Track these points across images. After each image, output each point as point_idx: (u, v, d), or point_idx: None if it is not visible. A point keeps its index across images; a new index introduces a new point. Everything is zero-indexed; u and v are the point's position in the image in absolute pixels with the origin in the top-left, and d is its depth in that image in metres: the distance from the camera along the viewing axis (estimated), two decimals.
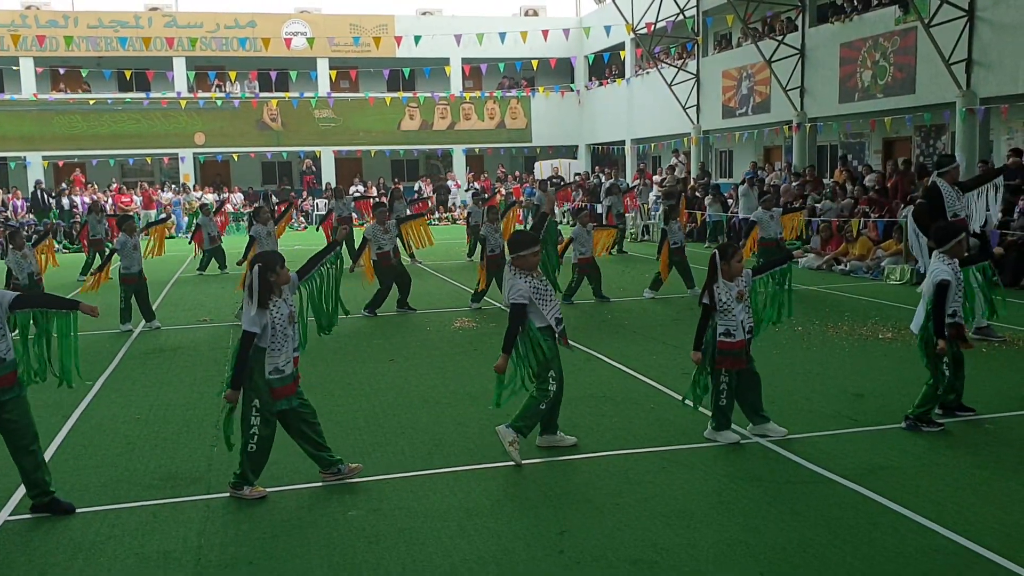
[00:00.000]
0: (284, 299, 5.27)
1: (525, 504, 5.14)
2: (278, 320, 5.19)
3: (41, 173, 30.27)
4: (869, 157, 21.62)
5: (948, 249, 6.25)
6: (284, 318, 5.22)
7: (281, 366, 5.23)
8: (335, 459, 5.53)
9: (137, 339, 10.83)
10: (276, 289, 5.22)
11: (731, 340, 6.00)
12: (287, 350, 5.24)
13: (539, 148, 35.27)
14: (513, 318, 5.71)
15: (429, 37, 30.84)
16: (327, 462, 5.52)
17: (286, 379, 5.26)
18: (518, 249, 5.79)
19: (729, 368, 6.05)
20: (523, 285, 5.71)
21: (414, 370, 8.69)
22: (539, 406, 5.79)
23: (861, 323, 10.36)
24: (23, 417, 5.11)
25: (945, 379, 6.19)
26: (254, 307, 5.12)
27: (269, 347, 5.19)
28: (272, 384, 5.22)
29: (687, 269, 13.06)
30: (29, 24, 29.86)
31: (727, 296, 6.00)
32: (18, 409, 5.09)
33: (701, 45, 26.28)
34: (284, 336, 5.21)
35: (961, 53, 16.20)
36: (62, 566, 4.50)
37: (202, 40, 31.36)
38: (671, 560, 4.37)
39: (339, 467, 5.53)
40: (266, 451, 5.34)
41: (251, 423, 5.25)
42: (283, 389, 5.26)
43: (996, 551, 4.33)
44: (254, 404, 5.24)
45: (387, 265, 11.88)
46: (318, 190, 32.32)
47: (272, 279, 5.19)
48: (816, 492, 5.19)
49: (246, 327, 5.15)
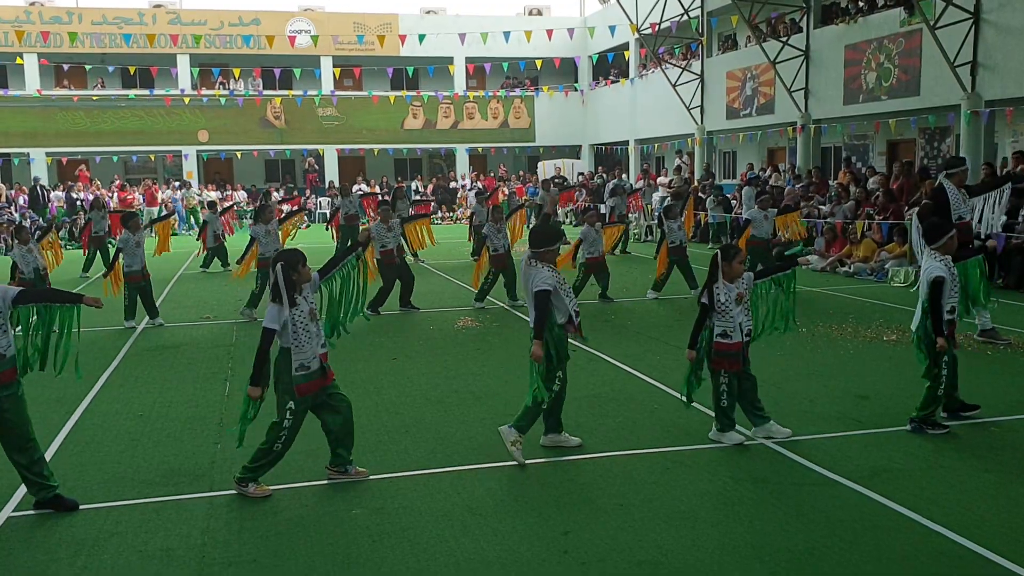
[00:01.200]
0: (304, 297, 5.30)
1: (529, 504, 5.13)
2: (299, 318, 5.22)
3: (44, 170, 30.29)
4: (873, 159, 21.59)
5: (940, 246, 6.26)
6: (305, 315, 5.25)
7: (307, 363, 5.25)
8: (346, 459, 5.54)
9: (140, 336, 10.83)
10: (298, 287, 5.25)
11: (728, 342, 5.99)
12: (312, 347, 5.27)
13: (542, 148, 35.26)
14: (540, 305, 5.75)
15: (433, 36, 30.84)
16: (339, 459, 5.53)
17: (312, 375, 5.28)
18: (545, 243, 5.87)
19: (727, 370, 6.05)
20: (548, 274, 5.78)
21: (417, 369, 8.68)
22: (541, 405, 5.80)
23: (865, 325, 10.34)
24: (19, 415, 5.09)
25: (943, 380, 6.17)
26: (284, 306, 5.18)
27: (293, 345, 5.22)
28: (298, 381, 5.25)
29: (689, 269, 13.05)
30: (33, 20, 29.88)
31: (726, 297, 6.00)
32: (15, 407, 5.07)
33: (705, 46, 26.25)
34: (307, 333, 5.24)
35: (966, 55, 16.17)
36: (65, 563, 4.49)
37: (206, 37, 31.40)
38: (675, 561, 4.35)
39: (346, 467, 5.54)
40: (287, 450, 5.37)
41: (284, 424, 5.27)
42: (309, 385, 5.29)
43: (1002, 554, 4.31)
44: (288, 407, 5.26)
45: (390, 263, 11.89)
46: (321, 188, 32.33)
47: (294, 277, 5.23)
48: (821, 494, 5.17)
49: (265, 324, 5.21)
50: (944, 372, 6.18)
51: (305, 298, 5.30)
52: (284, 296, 5.18)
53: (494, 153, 35.43)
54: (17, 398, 5.09)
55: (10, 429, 5.08)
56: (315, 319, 5.34)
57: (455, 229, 27.77)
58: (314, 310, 5.36)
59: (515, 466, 5.71)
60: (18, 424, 5.09)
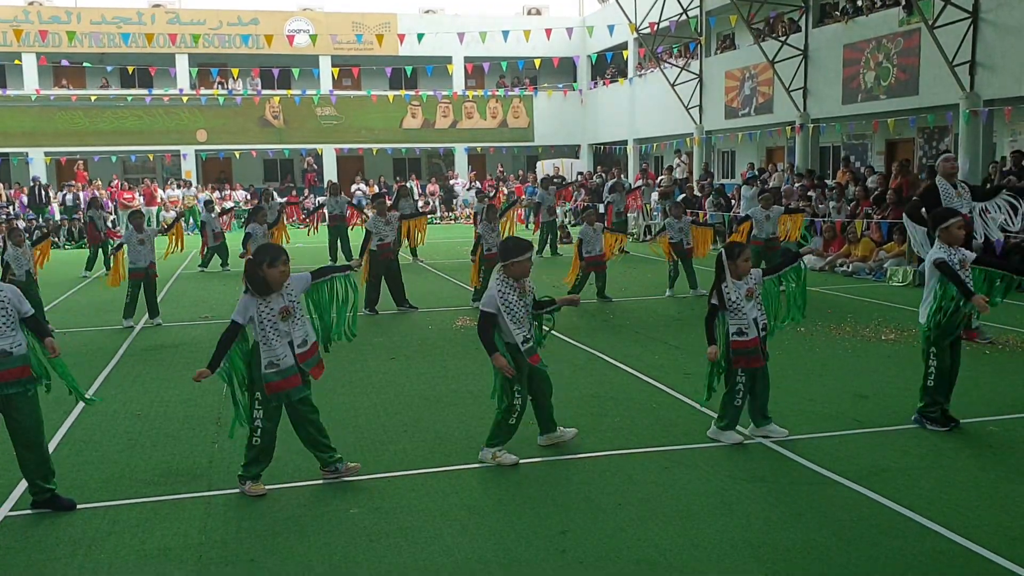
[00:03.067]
0: (282, 294, 5.24)
1: (527, 503, 5.13)
2: (266, 315, 5.18)
3: (43, 169, 30.27)
4: (872, 159, 21.60)
5: (946, 227, 6.19)
6: (275, 313, 5.18)
7: (276, 360, 5.21)
8: (334, 459, 5.52)
9: (138, 335, 10.82)
10: (268, 284, 5.19)
11: (744, 339, 5.97)
12: (282, 345, 5.21)
13: (541, 147, 35.25)
14: (481, 327, 5.64)
15: (432, 35, 30.84)
16: (325, 461, 5.52)
17: (283, 373, 5.23)
18: (509, 255, 5.67)
19: (745, 367, 6.00)
20: (496, 295, 5.60)
21: (415, 368, 8.67)
22: (508, 421, 5.72)
23: (864, 324, 10.34)
24: (30, 416, 5.08)
25: (933, 371, 6.16)
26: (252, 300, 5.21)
27: (261, 342, 5.20)
28: (268, 379, 5.21)
29: (691, 268, 13.04)
30: (32, 20, 29.86)
31: (737, 295, 5.97)
32: (27, 406, 5.07)
33: (704, 45, 26.25)
34: (275, 331, 5.19)
35: (965, 55, 16.17)
36: (63, 562, 4.49)
37: (205, 37, 31.39)
38: (673, 560, 4.35)
39: (337, 466, 5.53)
40: (269, 444, 5.35)
41: (255, 416, 5.29)
42: (280, 383, 5.24)
43: (1000, 554, 4.31)
44: (256, 397, 5.27)
45: (386, 257, 11.91)
46: (320, 188, 32.32)
47: (260, 273, 5.17)
48: (819, 493, 5.17)
49: (233, 316, 5.24)
50: (933, 364, 6.17)
51: (283, 295, 5.23)
52: (247, 288, 5.20)
53: (493, 153, 35.42)
54: (27, 398, 5.07)
55: (20, 427, 5.08)
56: (289, 318, 5.24)
57: (454, 229, 27.77)
58: (289, 308, 5.24)
59: (511, 465, 5.70)
60: (28, 425, 5.08)
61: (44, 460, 5.19)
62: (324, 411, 7.02)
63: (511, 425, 5.74)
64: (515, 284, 5.66)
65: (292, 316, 5.27)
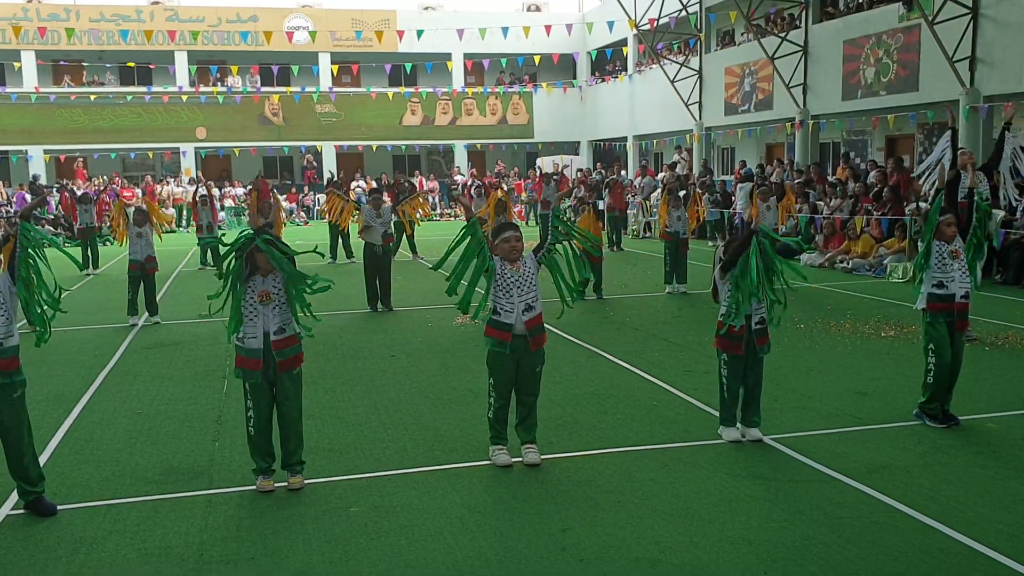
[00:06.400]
0: (267, 279, 5.32)
1: (527, 501, 5.13)
2: (249, 294, 5.32)
3: (42, 167, 30.26)
4: (872, 155, 21.59)
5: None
6: (253, 295, 5.31)
7: (245, 337, 5.32)
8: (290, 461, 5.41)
9: (138, 334, 10.82)
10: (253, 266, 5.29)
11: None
12: (255, 326, 5.30)
13: (541, 144, 35.23)
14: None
15: (431, 32, 30.81)
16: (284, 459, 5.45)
17: (251, 352, 5.30)
18: (494, 235, 5.84)
19: (724, 350, 5.98)
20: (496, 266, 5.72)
21: (416, 366, 8.68)
22: (488, 415, 5.81)
23: (863, 321, 10.34)
24: (12, 416, 4.99)
25: (932, 367, 6.18)
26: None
27: (245, 317, 5.32)
28: (238, 351, 5.35)
29: (683, 262, 12.98)
30: (31, 17, 29.84)
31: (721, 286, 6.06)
32: (10, 406, 4.97)
33: (704, 41, 26.23)
34: (253, 311, 5.31)
35: (965, 51, 16.16)
36: (63, 561, 4.49)
37: (204, 34, 31.35)
38: (673, 558, 4.36)
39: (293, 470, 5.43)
40: (263, 435, 5.37)
41: (247, 404, 5.38)
42: (245, 360, 5.31)
43: (999, 551, 4.31)
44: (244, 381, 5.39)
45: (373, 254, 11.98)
46: (319, 185, 32.30)
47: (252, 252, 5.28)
48: (819, 490, 5.18)
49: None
50: (931, 360, 6.19)
51: (266, 280, 5.31)
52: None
53: (492, 149, 35.40)
54: (12, 399, 4.97)
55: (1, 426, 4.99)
56: (266, 303, 5.31)
57: (456, 225, 27.74)
58: (267, 294, 5.32)
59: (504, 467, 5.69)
60: (10, 425, 4.98)
61: (22, 463, 5.05)
62: (323, 409, 7.07)
63: (493, 419, 5.76)
64: (508, 265, 5.73)
65: (271, 302, 5.34)
